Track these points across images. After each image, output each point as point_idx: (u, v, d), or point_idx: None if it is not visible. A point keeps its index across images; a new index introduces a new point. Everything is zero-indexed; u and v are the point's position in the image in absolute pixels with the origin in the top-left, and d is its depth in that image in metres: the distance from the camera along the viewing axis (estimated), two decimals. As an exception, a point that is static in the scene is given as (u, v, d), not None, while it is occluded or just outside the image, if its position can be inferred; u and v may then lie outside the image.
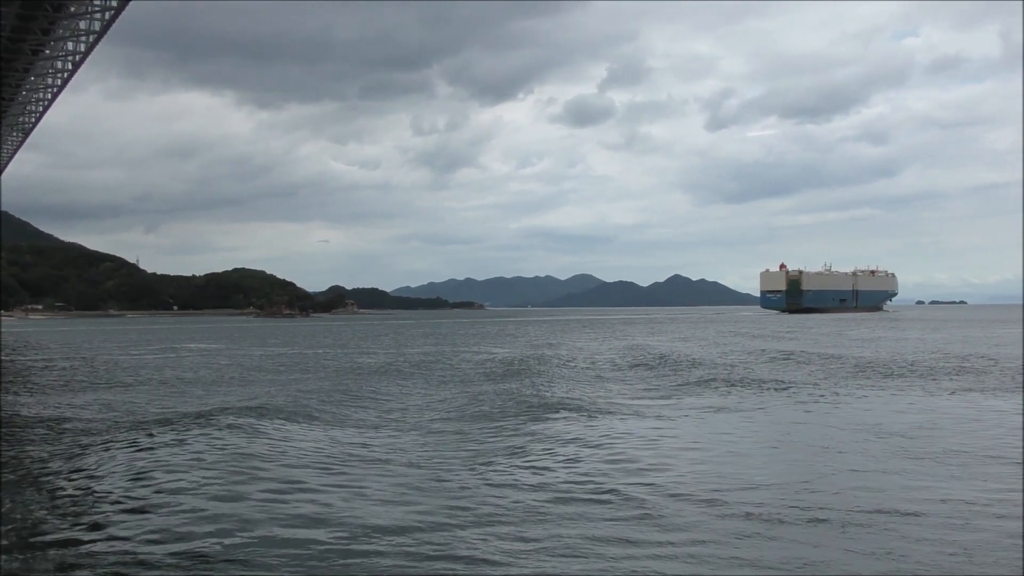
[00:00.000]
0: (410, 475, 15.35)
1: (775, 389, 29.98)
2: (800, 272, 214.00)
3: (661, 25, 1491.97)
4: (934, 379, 33.53)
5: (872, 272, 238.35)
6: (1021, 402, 25.15)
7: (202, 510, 12.68)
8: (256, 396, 28.85)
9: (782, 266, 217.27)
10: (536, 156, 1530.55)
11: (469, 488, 14.18)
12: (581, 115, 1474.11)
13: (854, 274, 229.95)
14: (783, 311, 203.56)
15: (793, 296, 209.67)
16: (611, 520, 12.12)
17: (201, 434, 19.33)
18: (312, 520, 12.19)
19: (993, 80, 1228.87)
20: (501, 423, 21.87)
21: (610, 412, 23.70)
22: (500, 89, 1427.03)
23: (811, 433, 20.41)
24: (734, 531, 11.53)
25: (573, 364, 44.71)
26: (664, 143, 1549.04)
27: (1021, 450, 17.04)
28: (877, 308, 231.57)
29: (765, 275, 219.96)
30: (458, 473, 15.43)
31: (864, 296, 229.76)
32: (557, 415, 22.89)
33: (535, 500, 13.24)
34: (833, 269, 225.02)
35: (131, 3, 47.23)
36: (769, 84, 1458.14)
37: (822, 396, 27.74)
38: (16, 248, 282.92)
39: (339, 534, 11.48)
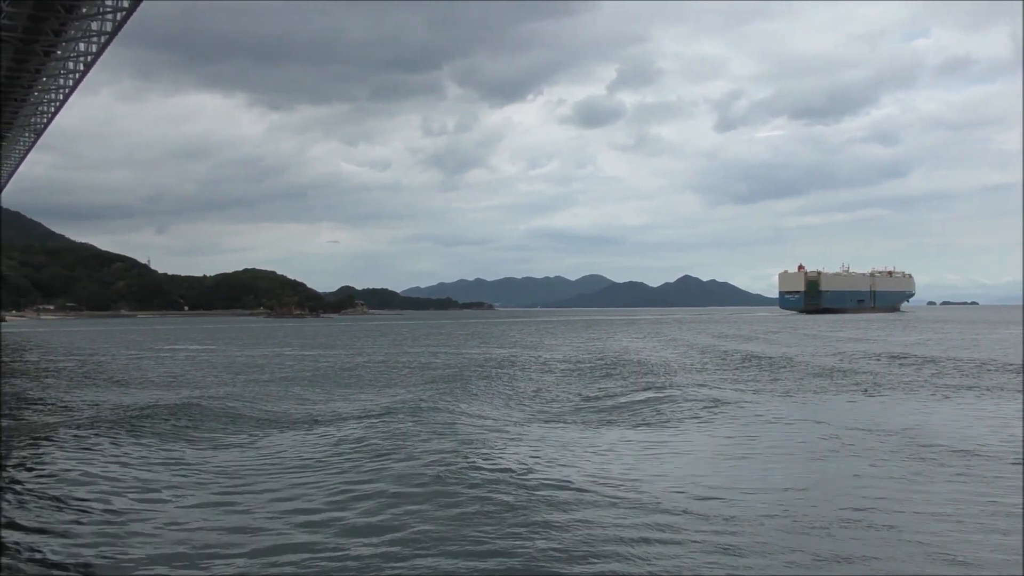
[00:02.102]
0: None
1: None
2: (819, 273, 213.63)
3: (670, 26, 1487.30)
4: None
5: (889, 273, 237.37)
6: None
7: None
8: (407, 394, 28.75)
9: (800, 267, 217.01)
10: (545, 157, 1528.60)
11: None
12: (590, 116, 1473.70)
13: (872, 275, 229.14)
14: (801, 311, 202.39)
15: (811, 297, 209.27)
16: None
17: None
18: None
19: (1003, 81, 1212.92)
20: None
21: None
22: (509, 90, 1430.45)
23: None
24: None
25: (666, 363, 44.11)
26: (673, 144, 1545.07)
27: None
28: (894, 309, 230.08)
29: (783, 276, 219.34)
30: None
31: (882, 297, 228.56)
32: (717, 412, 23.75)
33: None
34: (851, 270, 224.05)
35: (143, 3, 46.11)
36: (778, 85, 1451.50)
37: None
38: (28, 248, 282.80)
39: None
